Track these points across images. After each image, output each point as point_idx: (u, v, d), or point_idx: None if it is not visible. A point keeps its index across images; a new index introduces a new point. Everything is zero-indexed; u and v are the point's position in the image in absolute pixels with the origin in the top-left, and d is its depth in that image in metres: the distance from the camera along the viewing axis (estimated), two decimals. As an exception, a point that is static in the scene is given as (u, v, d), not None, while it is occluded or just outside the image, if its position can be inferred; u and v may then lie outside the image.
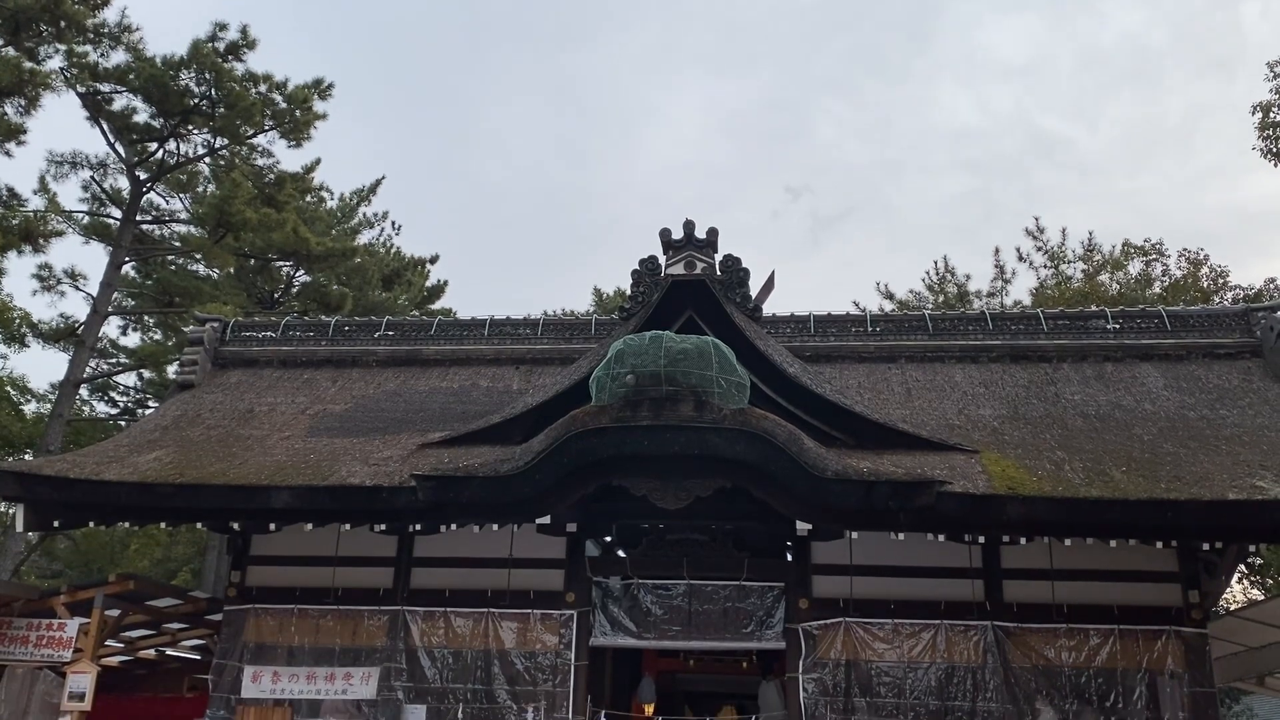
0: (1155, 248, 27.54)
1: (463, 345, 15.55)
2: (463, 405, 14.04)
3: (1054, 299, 26.36)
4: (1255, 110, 18.06)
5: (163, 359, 26.08)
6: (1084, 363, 13.94)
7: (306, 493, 11.27)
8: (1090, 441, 11.88)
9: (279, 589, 12.78)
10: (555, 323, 16.09)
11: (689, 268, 12.73)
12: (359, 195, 34.70)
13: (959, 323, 14.88)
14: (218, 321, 16.23)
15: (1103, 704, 11.15)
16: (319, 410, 14.18)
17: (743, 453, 10.42)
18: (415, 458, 11.95)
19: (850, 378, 14.07)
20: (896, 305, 30.61)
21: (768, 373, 12.07)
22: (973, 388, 13.64)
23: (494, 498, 10.78)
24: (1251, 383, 13.08)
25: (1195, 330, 14.05)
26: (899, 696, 11.33)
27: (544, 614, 12.18)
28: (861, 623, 11.68)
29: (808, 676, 11.50)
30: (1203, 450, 11.40)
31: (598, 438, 10.61)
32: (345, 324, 16.31)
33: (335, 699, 12.16)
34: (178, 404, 14.74)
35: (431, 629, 12.31)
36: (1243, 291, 24.82)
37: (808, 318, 15.05)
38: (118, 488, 11.58)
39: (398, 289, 33.83)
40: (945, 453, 11.49)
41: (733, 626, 11.95)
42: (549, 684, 11.85)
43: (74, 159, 24.52)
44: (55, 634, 12.38)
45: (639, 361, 10.47)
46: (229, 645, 12.61)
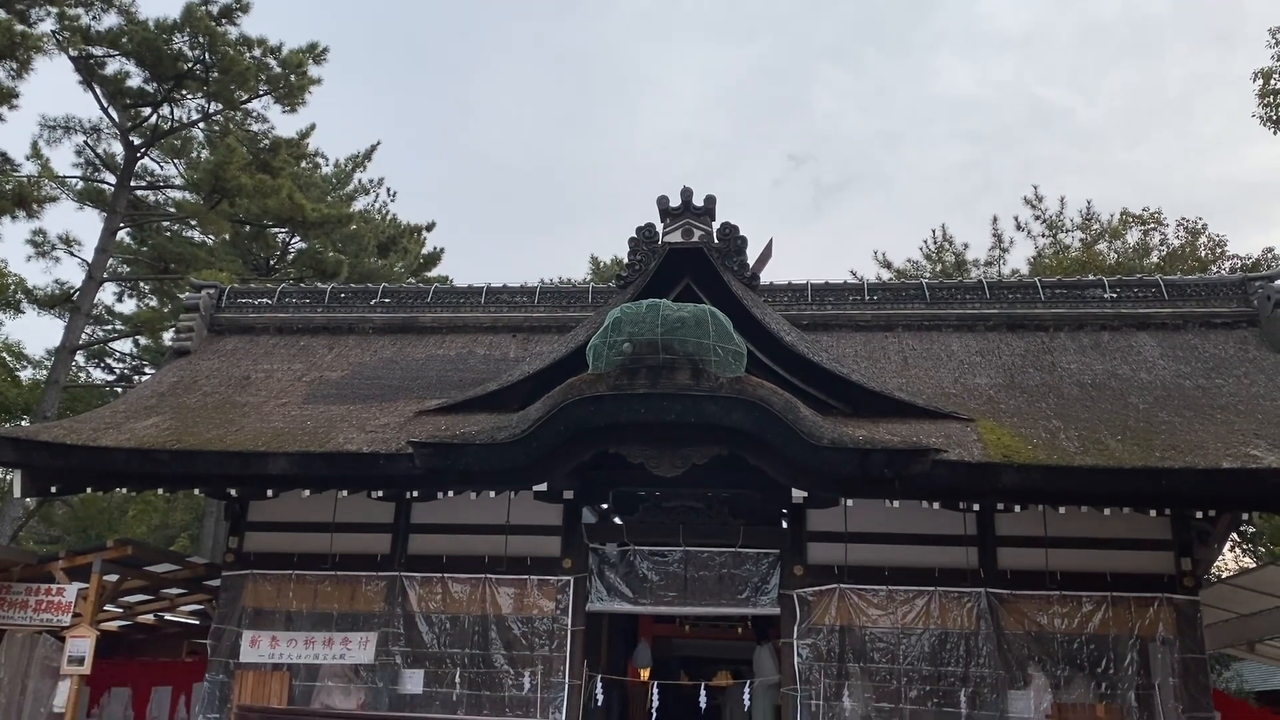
0: (1154, 217, 27.50)
1: (459, 313, 15.53)
2: (460, 373, 14.04)
3: (1052, 268, 26.34)
4: (1256, 77, 17.92)
5: (159, 325, 26.02)
6: (1081, 331, 13.95)
7: (304, 459, 11.29)
8: (1086, 410, 11.92)
9: (277, 554, 12.84)
10: (552, 291, 16.07)
11: (686, 235, 12.70)
12: (354, 161, 34.50)
13: (956, 291, 14.87)
14: (213, 288, 16.19)
15: (1094, 669, 11.26)
16: (316, 377, 14.18)
17: (739, 421, 10.44)
18: (412, 425, 11.97)
19: (847, 346, 14.07)
20: (894, 274, 30.59)
21: (765, 341, 12.07)
22: (969, 356, 13.66)
23: (491, 465, 10.81)
24: (1247, 352, 13.10)
25: (1192, 299, 14.06)
26: (892, 662, 11.43)
27: (541, 580, 12.26)
28: (856, 589, 11.76)
29: (802, 642, 11.60)
30: (1198, 419, 11.44)
31: (595, 405, 10.63)
32: (341, 291, 16.27)
33: (333, 663, 12.25)
34: (174, 370, 14.74)
35: (429, 594, 12.39)
36: (1240, 261, 24.83)
37: (805, 286, 15.03)
38: (115, 454, 11.60)
39: (394, 256, 33.73)
40: (941, 421, 11.52)
41: (728, 592, 12.04)
42: (546, 649, 11.95)
43: (67, 123, 24.35)
44: (54, 599, 12.44)
45: (636, 329, 10.47)
46: (227, 610, 12.69)
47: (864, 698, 11.36)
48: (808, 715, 11.30)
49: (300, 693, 12.19)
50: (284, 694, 12.10)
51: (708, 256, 12.55)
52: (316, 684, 12.24)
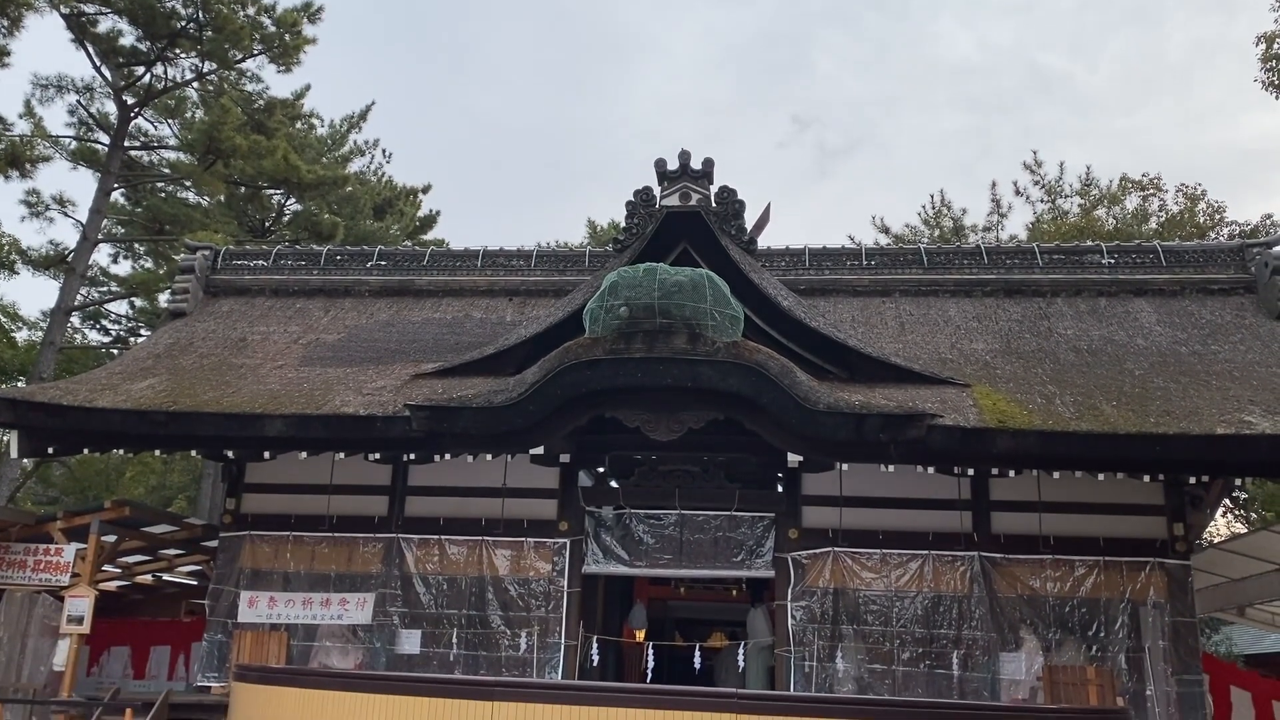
0: (1153, 182, 27.38)
1: (456, 276, 15.48)
2: (456, 336, 14.03)
3: (1050, 234, 26.25)
4: (1259, 41, 17.74)
5: (154, 287, 25.92)
6: (1078, 297, 13.94)
7: (300, 421, 11.31)
8: (1082, 376, 11.94)
9: (274, 516, 12.89)
10: (549, 254, 16.03)
11: (684, 199, 12.64)
12: (349, 122, 34.21)
13: (954, 257, 14.84)
14: (209, 250, 16.12)
15: (1085, 632, 11.37)
16: (312, 340, 14.16)
17: (735, 385, 10.46)
18: (409, 388, 11.98)
19: (844, 311, 14.06)
20: (892, 239, 30.49)
21: (762, 306, 12.05)
22: (966, 322, 13.65)
23: (487, 428, 10.83)
24: (1244, 318, 13.11)
25: (1190, 265, 14.04)
26: (885, 624, 11.54)
27: (537, 542, 12.33)
28: (850, 552, 11.84)
29: (796, 604, 11.70)
30: (1193, 385, 11.47)
31: (591, 369, 10.63)
32: (337, 253, 16.21)
33: (331, 624, 12.35)
34: (170, 332, 14.71)
35: (426, 556, 12.46)
36: (1239, 227, 24.75)
37: (803, 251, 14.98)
38: (111, 415, 11.61)
39: (389, 218, 33.57)
40: (937, 386, 11.54)
41: (723, 555, 12.11)
42: (542, 610, 12.04)
43: (60, 82, 24.09)
44: (53, 559, 12.50)
45: (633, 294, 10.45)
46: (225, 571, 12.76)
47: (857, 659, 11.48)
48: (801, 676, 11.42)
49: (298, 652, 12.29)
50: (282, 653, 12.19)
51: (705, 220, 12.49)
52: (315, 644, 12.35)
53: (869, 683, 11.35)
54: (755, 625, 13.28)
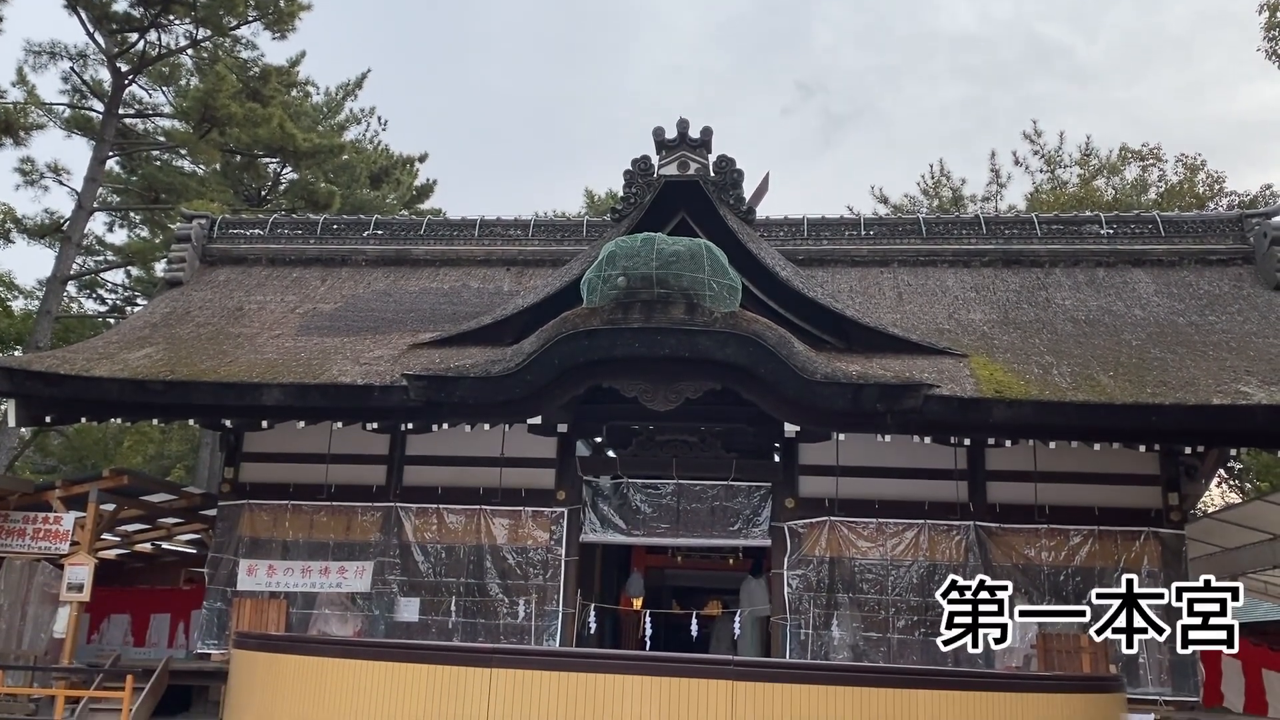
0: (1152, 153, 27.27)
1: (453, 245, 15.43)
2: (453, 306, 14.01)
3: (1049, 204, 26.17)
4: (1261, 10, 17.68)
5: (150, 256, 25.81)
6: (1076, 268, 13.92)
7: (298, 390, 11.32)
8: (1079, 346, 11.95)
9: (272, 485, 12.93)
10: (547, 224, 15.98)
11: (682, 168, 12.58)
12: (345, 90, 33.91)
13: (953, 227, 14.80)
14: (205, 218, 16.05)
15: (1079, 601, 11.42)
16: (309, 309, 14.13)
17: (733, 355, 10.46)
18: (406, 357, 11.98)
19: (842, 281, 14.04)
20: (891, 210, 30.38)
21: (759, 276, 12.03)
22: (964, 292, 13.64)
23: (485, 398, 10.85)
24: (1242, 289, 13.10)
25: (1189, 236, 14.02)
26: (881, 592, 11.62)
27: (535, 511, 12.38)
28: (846, 521, 11.91)
29: (792, 573, 11.78)
30: (1190, 356, 11.49)
31: (588, 339, 10.63)
32: (334, 222, 16.15)
33: (330, 592, 12.42)
34: (166, 301, 14.68)
35: (424, 525, 12.51)
36: (1239, 198, 24.68)
37: (801, 221, 14.94)
38: (109, 384, 11.61)
39: (386, 187, 33.38)
40: (934, 357, 11.56)
41: (720, 525, 12.17)
42: (540, 578, 12.11)
43: (53, 49, 23.83)
44: (52, 527, 12.54)
45: (631, 264, 10.43)
46: (224, 540, 12.81)
47: (852, 627, 11.57)
48: (797, 644, 11.52)
49: (298, 620, 12.37)
50: (281, 621, 12.28)
51: (704, 190, 12.44)
52: (314, 612, 12.42)
53: (864, 650, 11.45)
54: (753, 595, 13.37)
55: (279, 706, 9.32)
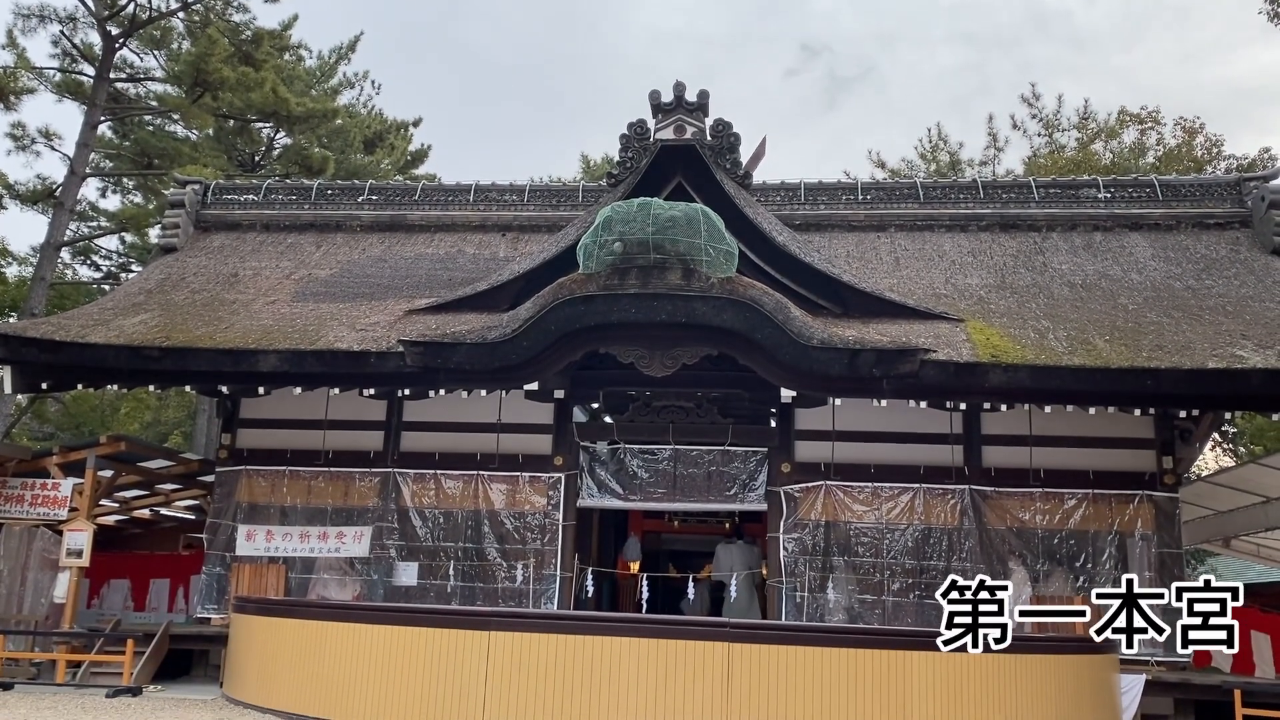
0: (1151, 116, 27.14)
1: (448, 211, 15.36)
2: (449, 272, 13.97)
3: (1047, 168, 26.06)
4: (1263, -29, 17.45)
5: (144, 222, 25.67)
6: (1073, 232, 13.90)
7: (294, 356, 11.32)
8: (1075, 310, 11.96)
9: (270, 451, 12.96)
10: (542, 189, 15.90)
11: (678, 132, 12.50)
12: (338, 53, 33.59)
13: (950, 191, 14.75)
14: (198, 184, 15.96)
15: (1073, 564, 11.55)
16: (304, 275, 14.09)
17: (730, 321, 10.46)
18: (402, 323, 11.97)
19: (839, 246, 14.01)
20: (888, 174, 30.26)
21: (756, 241, 12.01)
22: (961, 257, 13.62)
23: (482, 364, 10.85)
24: (1239, 253, 13.09)
25: (1186, 200, 13.98)
26: (876, 556, 11.70)
27: (533, 476, 12.43)
28: (842, 485, 11.97)
29: (788, 536, 11.85)
30: (1186, 320, 11.50)
31: (585, 305, 10.62)
32: (328, 188, 16.06)
33: (329, 557, 12.49)
34: (161, 267, 14.63)
35: (422, 490, 12.56)
36: (1237, 161, 24.58)
37: (798, 185, 14.87)
38: (104, 350, 11.60)
39: (380, 152, 33.16)
40: (931, 321, 11.56)
41: (717, 489, 12.23)
42: (538, 543, 12.18)
43: (42, 11, 23.52)
44: (50, 493, 12.58)
45: (627, 229, 10.40)
46: (222, 505, 12.87)
47: (848, 590, 11.66)
48: (793, 606, 11.62)
49: (297, 584, 12.45)
50: (280, 586, 12.36)
51: (700, 154, 12.38)
52: (312, 576, 12.50)
53: (859, 613, 11.55)
54: (734, 558, 13.58)
55: (279, 670, 9.42)
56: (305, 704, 8.90)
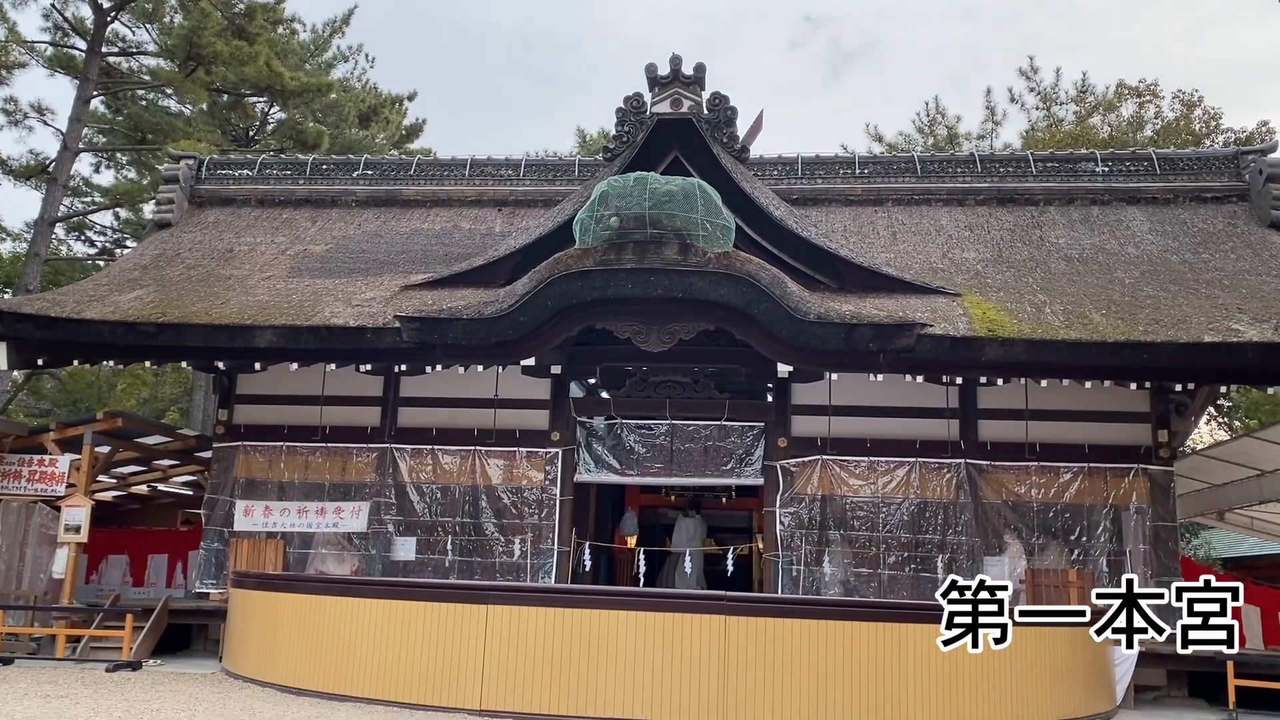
0: (1149, 89, 27.01)
1: (443, 186, 15.30)
2: (445, 247, 13.93)
3: (1044, 141, 25.97)
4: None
5: (138, 197, 25.56)
6: (1070, 206, 13.87)
7: (290, 332, 11.30)
8: (1072, 285, 11.95)
9: (267, 427, 12.97)
10: (538, 164, 15.83)
11: (675, 106, 12.44)
12: (331, 27, 33.29)
13: (947, 165, 14.70)
14: (192, 159, 15.87)
15: (1068, 537, 11.61)
16: (299, 250, 14.05)
17: (726, 296, 10.45)
18: (398, 299, 11.94)
19: (836, 221, 13.98)
20: (886, 148, 30.15)
21: (753, 215, 11.97)
22: (958, 231, 13.60)
23: (478, 339, 10.84)
24: (1236, 227, 13.08)
25: (1184, 174, 13.94)
26: (872, 530, 11.75)
27: (530, 452, 12.45)
28: (838, 460, 12.00)
29: (784, 511, 11.89)
30: (1183, 293, 11.50)
31: (581, 280, 10.60)
32: (323, 163, 15.98)
33: (327, 532, 12.53)
34: (156, 243, 14.57)
35: (419, 465, 12.58)
36: (1235, 135, 24.50)
37: (795, 160, 14.82)
38: (100, 326, 11.57)
39: (375, 126, 32.95)
40: (927, 296, 11.56)
41: (713, 464, 12.26)
42: (535, 517, 12.22)
43: (32, -16, 23.34)
44: (48, 469, 12.59)
45: (623, 203, 10.36)
46: (219, 481, 12.88)
47: (843, 563, 11.72)
48: (789, 580, 11.67)
49: (295, 559, 12.50)
50: (279, 561, 12.40)
51: (697, 128, 12.33)
52: (311, 551, 12.54)
53: (855, 586, 11.62)
54: (691, 531, 13.75)
55: (278, 644, 9.47)
56: (305, 677, 8.96)
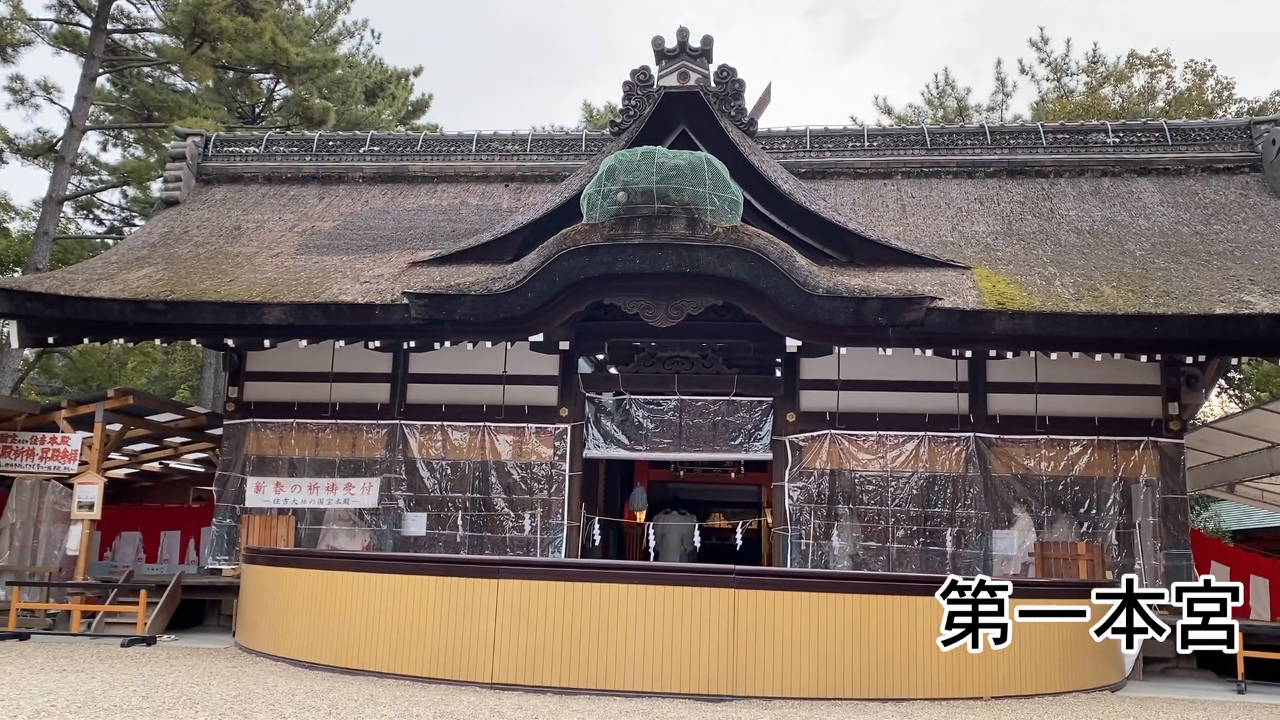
0: (1161, 59, 26.71)
1: (450, 162, 15.26)
2: (452, 223, 13.91)
3: (1055, 113, 25.72)
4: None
5: (145, 175, 25.55)
6: (1081, 178, 13.77)
7: (299, 309, 11.31)
8: (1082, 257, 11.89)
9: (277, 404, 13.01)
10: (545, 139, 15.76)
11: (682, 79, 12.35)
12: (336, 2, 33.15)
13: (957, 137, 14.59)
14: (199, 136, 15.85)
15: (1077, 510, 11.61)
16: (307, 227, 14.04)
17: (735, 270, 10.42)
18: (406, 275, 11.94)
19: (845, 194, 13.91)
20: (895, 120, 29.96)
21: (761, 189, 11.91)
22: (968, 204, 13.52)
23: (486, 315, 10.84)
24: (1249, 198, 12.98)
25: (1196, 144, 13.82)
26: (880, 503, 11.76)
27: (539, 428, 12.47)
28: (847, 434, 11.99)
29: (793, 485, 11.91)
30: (1194, 265, 11.43)
31: (589, 256, 10.58)
32: (329, 139, 15.94)
33: (338, 508, 12.59)
34: (164, 221, 14.58)
35: (429, 441, 12.62)
36: (1248, 105, 24.24)
37: (804, 133, 14.73)
38: (109, 304, 11.60)
39: (381, 102, 32.84)
40: (937, 269, 11.50)
41: (722, 439, 12.27)
42: (544, 493, 12.27)
43: (36, -39, 23.22)
44: (60, 447, 12.67)
45: (631, 178, 10.31)
46: (230, 458, 12.95)
47: (852, 537, 11.74)
48: (798, 554, 11.71)
49: (306, 535, 12.58)
50: (290, 536, 12.48)
51: (704, 101, 12.25)
52: (322, 527, 12.62)
53: (864, 560, 11.64)
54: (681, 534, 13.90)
55: (290, 619, 9.54)
56: (317, 652, 9.02)
